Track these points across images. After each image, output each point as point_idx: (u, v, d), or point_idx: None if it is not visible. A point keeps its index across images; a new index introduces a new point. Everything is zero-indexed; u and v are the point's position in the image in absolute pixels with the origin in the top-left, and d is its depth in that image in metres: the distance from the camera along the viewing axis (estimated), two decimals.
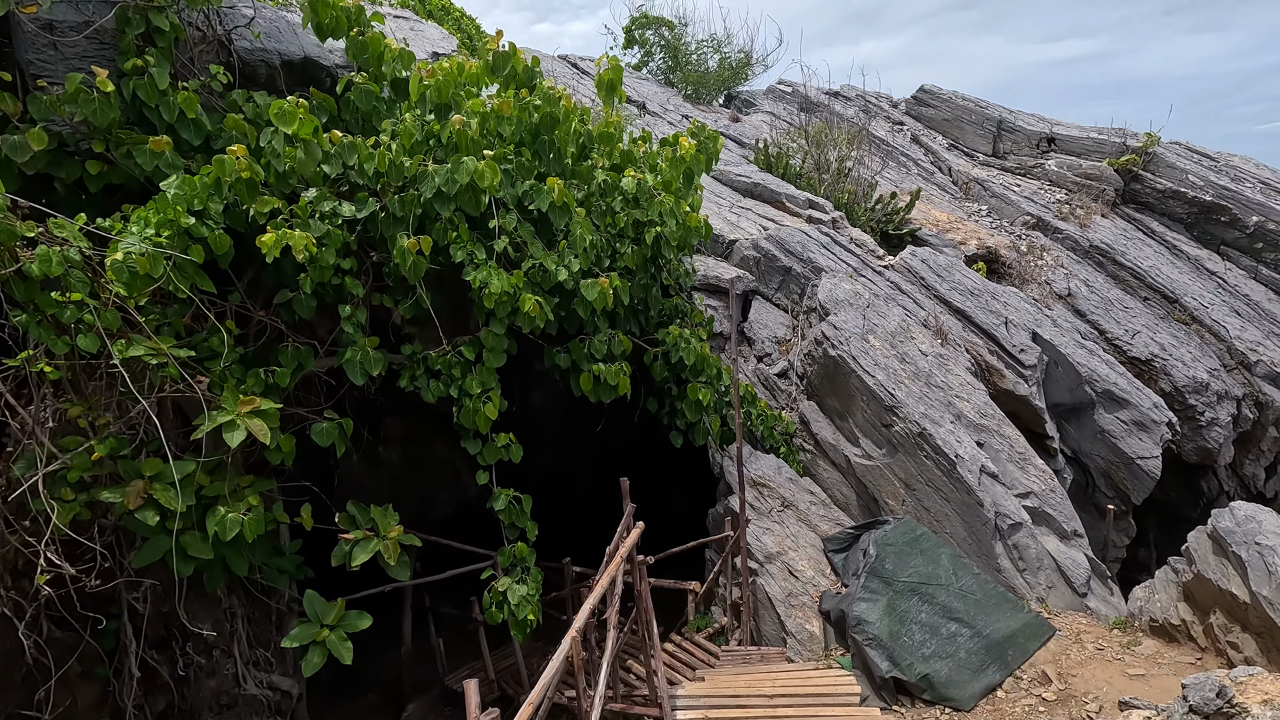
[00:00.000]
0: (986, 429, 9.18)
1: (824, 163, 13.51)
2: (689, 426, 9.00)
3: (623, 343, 7.86)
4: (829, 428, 9.38)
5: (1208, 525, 6.95)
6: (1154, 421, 11.47)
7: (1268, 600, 6.22)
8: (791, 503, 8.79)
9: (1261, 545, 6.42)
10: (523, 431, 7.77)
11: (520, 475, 8.16)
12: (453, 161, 6.23)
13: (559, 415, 11.72)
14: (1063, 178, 15.73)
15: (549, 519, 10.98)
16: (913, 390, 8.92)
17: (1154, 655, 7.11)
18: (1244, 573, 6.44)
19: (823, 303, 9.72)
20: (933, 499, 8.61)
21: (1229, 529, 6.64)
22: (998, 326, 11.07)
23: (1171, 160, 15.46)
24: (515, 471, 7.89)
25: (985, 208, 15.11)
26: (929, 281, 11.34)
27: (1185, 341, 13.35)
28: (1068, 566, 8.51)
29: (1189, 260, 14.86)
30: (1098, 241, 14.37)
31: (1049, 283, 13.39)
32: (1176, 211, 15.38)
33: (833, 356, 9.06)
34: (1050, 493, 9.00)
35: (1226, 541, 6.63)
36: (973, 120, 16.72)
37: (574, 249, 7.28)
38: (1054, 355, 11.39)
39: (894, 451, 8.79)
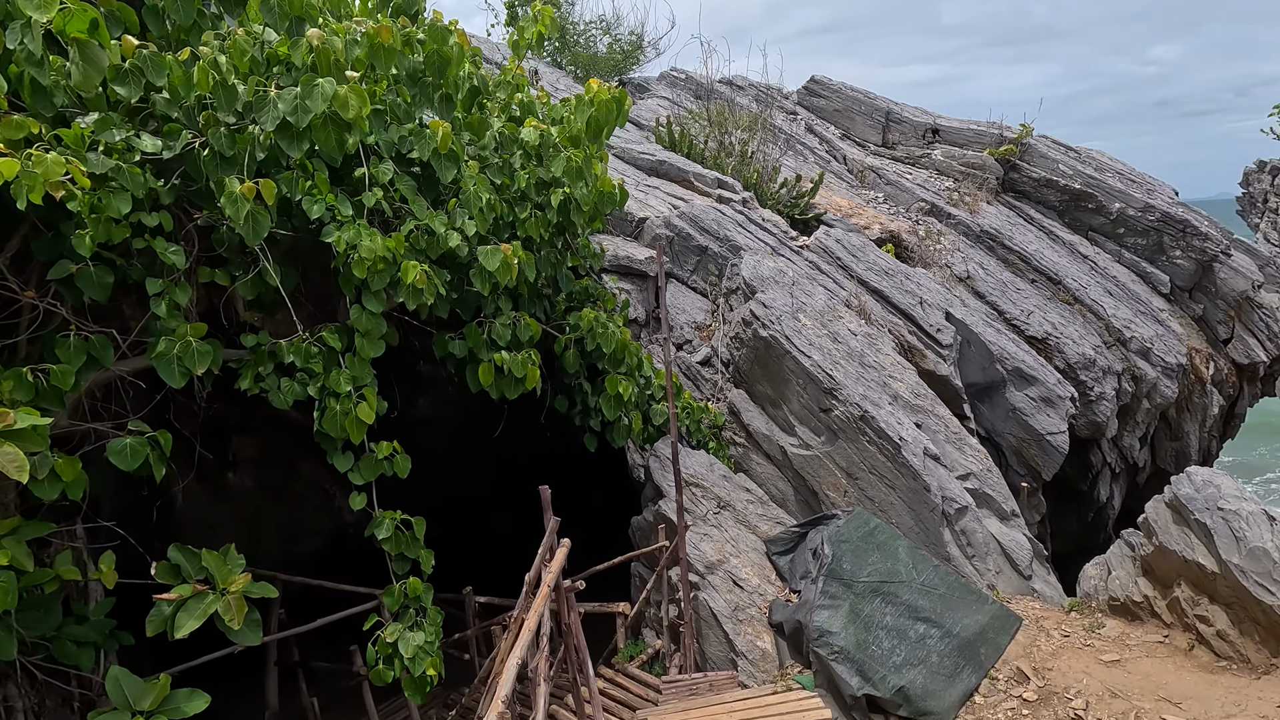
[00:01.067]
0: (922, 409, 8.46)
1: (728, 145, 12.64)
2: (606, 425, 7.67)
3: (530, 327, 6.41)
4: (761, 417, 8.33)
5: (1165, 494, 6.41)
6: (1059, 397, 11.32)
7: (1239, 569, 5.67)
8: (728, 503, 7.65)
9: (1225, 510, 5.90)
10: (410, 443, 6.16)
11: (410, 494, 6.52)
12: (303, 82, 4.58)
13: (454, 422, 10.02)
14: (949, 167, 15.76)
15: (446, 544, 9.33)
16: (849, 371, 8.04)
17: (1120, 636, 6.50)
18: (1210, 541, 5.90)
19: (748, 280, 8.69)
20: (877, 487, 7.73)
21: (1190, 496, 6.10)
22: (914, 306, 10.51)
23: (1043, 151, 15.84)
24: (403, 490, 6.26)
25: (881, 195, 14.83)
26: (845, 262, 10.64)
27: (1071, 320, 13.50)
28: (1012, 549, 7.89)
29: (1065, 245, 15.21)
30: (987, 227, 14.38)
31: (949, 265, 13.15)
32: (1050, 199, 15.75)
33: (764, 338, 8.03)
34: (988, 473, 8.39)
35: (1188, 509, 6.08)
36: (862, 111, 16.53)
37: (468, 209, 5.77)
38: (966, 334, 11.00)
39: (834, 438, 7.85)
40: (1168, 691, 5.96)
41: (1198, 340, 15.55)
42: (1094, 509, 14.54)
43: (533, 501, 9.40)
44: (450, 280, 5.94)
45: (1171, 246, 15.20)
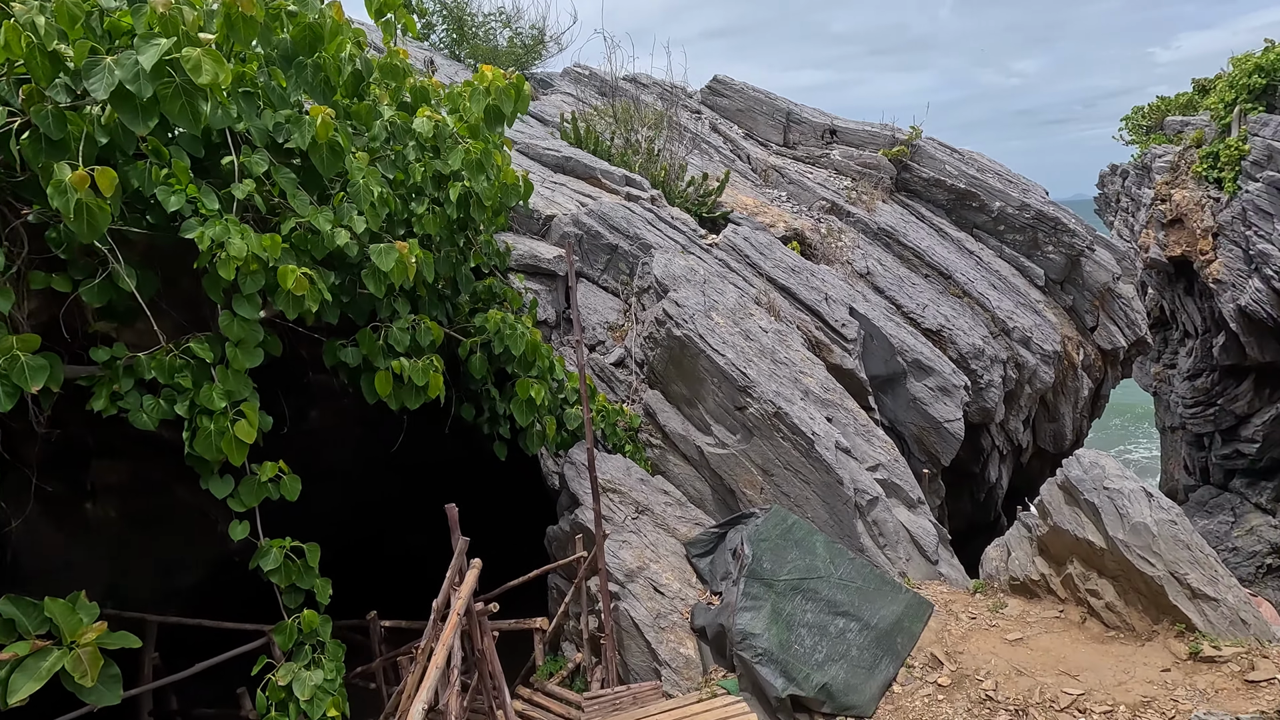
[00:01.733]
0: (831, 403, 8.51)
1: (634, 143, 12.41)
2: (517, 432, 7.25)
3: (431, 330, 5.91)
4: (677, 417, 8.13)
5: (1058, 476, 6.66)
6: (954, 386, 11.79)
7: (1123, 544, 5.94)
8: (646, 507, 7.40)
9: (1110, 489, 6.18)
10: (306, 461, 5.55)
11: (308, 515, 5.89)
12: (141, 37, 3.91)
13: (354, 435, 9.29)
14: (846, 167, 16.19)
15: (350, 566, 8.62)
16: (762, 368, 7.97)
17: (1021, 615, 6.71)
18: (1098, 519, 6.16)
19: (659, 279, 8.47)
20: (792, 483, 7.70)
21: (1079, 477, 6.36)
22: (820, 303, 10.64)
23: (931, 152, 16.54)
24: (299, 512, 5.63)
25: (784, 194, 15.04)
26: (754, 260, 10.63)
27: (962, 313, 14.14)
28: (920, 536, 8.06)
29: (953, 241, 15.93)
30: (883, 224, 14.85)
31: (850, 262, 13.47)
32: (938, 198, 16.46)
33: (677, 336, 7.83)
34: (895, 462, 8.55)
35: (1078, 490, 6.34)
36: (764, 111, 16.74)
37: (357, 204, 5.22)
38: (869, 328, 11.25)
39: (749, 436, 7.75)
40: (1066, 665, 6.19)
41: (1069, 329, 16.64)
42: (985, 489, 15.29)
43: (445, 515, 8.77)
44: (339, 283, 5.37)
45: (1045, 242, 16.15)
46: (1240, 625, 5.68)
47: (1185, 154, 19.64)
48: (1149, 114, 24.60)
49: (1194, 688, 5.68)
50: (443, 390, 5.85)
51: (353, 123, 5.91)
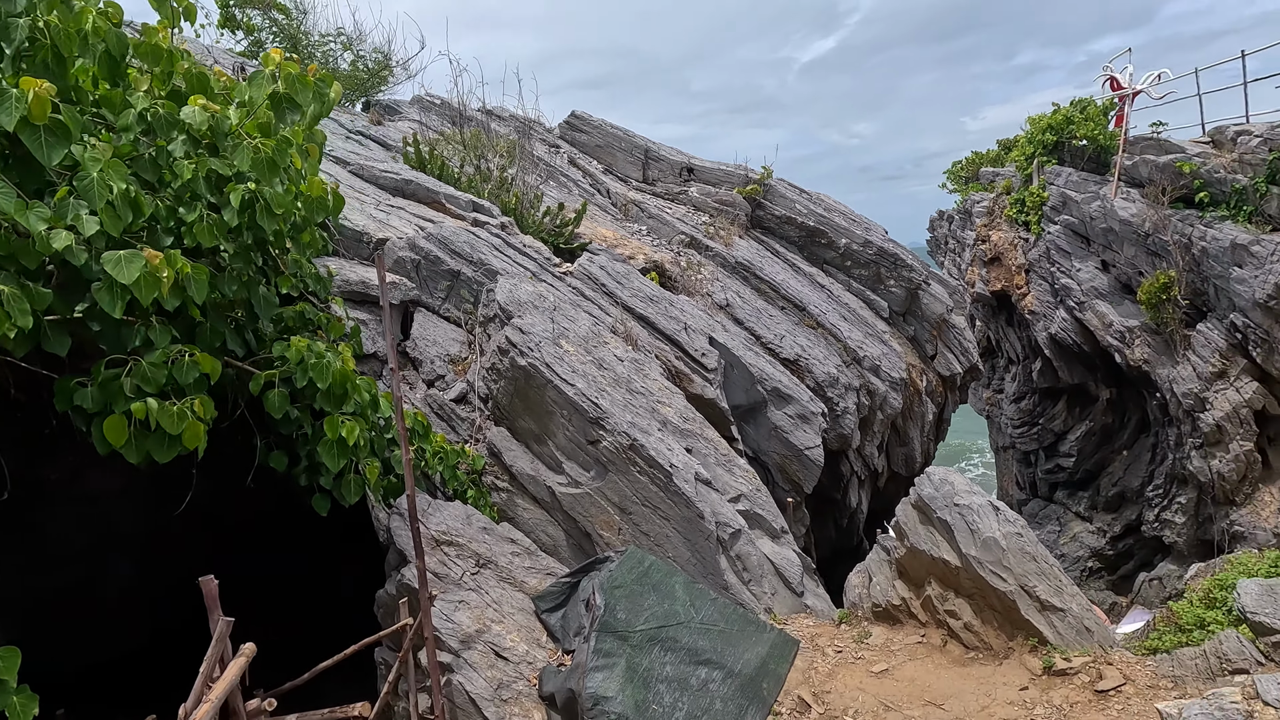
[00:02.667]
0: (691, 433, 8.04)
1: (485, 170, 11.70)
2: (335, 479, 6.13)
3: (200, 364, 4.77)
4: (525, 456, 7.31)
5: (911, 495, 6.48)
6: (813, 413, 11.80)
7: (976, 560, 5.78)
8: (489, 559, 6.46)
9: (961, 506, 6.05)
10: (94, 533, 4.19)
11: (81, 596, 4.48)
12: None
13: (145, 494, 7.71)
14: (704, 203, 16.33)
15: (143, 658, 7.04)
16: (616, 398, 7.36)
17: (885, 643, 6.39)
18: (951, 537, 5.99)
19: (504, 305, 7.70)
20: (651, 520, 7.06)
21: (931, 495, 6.20)
22: (679, 332, 10.29)
23: (782, 191, 17.09)
24: (72, 587, 4.23)
25: (645, 228, 14.85)
26: (610, 288, 10.13)
27: (817, 343, 14.41)
28: (784, 568, 7.66)
29: (806, 275, 16.39)
30: (740, 259, 14.99)
31: (710, 294, 13.37)
32: (790, 235, 16.96)
33: (522, 366, 7.06)
34: (757, 492, 8.17)
35: (930, 508, 6.17)
36: (623, 148, 16.65)
37: (89, 201, 4.10)
38: (729, 358, 11.04)
39: (604, 472, 7.07)
40: (931, 693, 5.89)
41: (913, 357, 17.44)
42: (847, 515, 15.44)
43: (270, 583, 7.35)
44: (64, 293, 4.18)
45: (887, 277, 16.92)
46: (1085, 633, 5.61)
47: (998, 200, 21.71)
48: (965, 166, 27.17)
49: (1051, 704, 5.52)
50: (202, 442, 4.70)
51: (101, 111, 4.78)
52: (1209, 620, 6.21)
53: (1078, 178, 19.01)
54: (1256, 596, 5.17)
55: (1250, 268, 14.73)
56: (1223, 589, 6.51)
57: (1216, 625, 6.00)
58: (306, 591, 8.52)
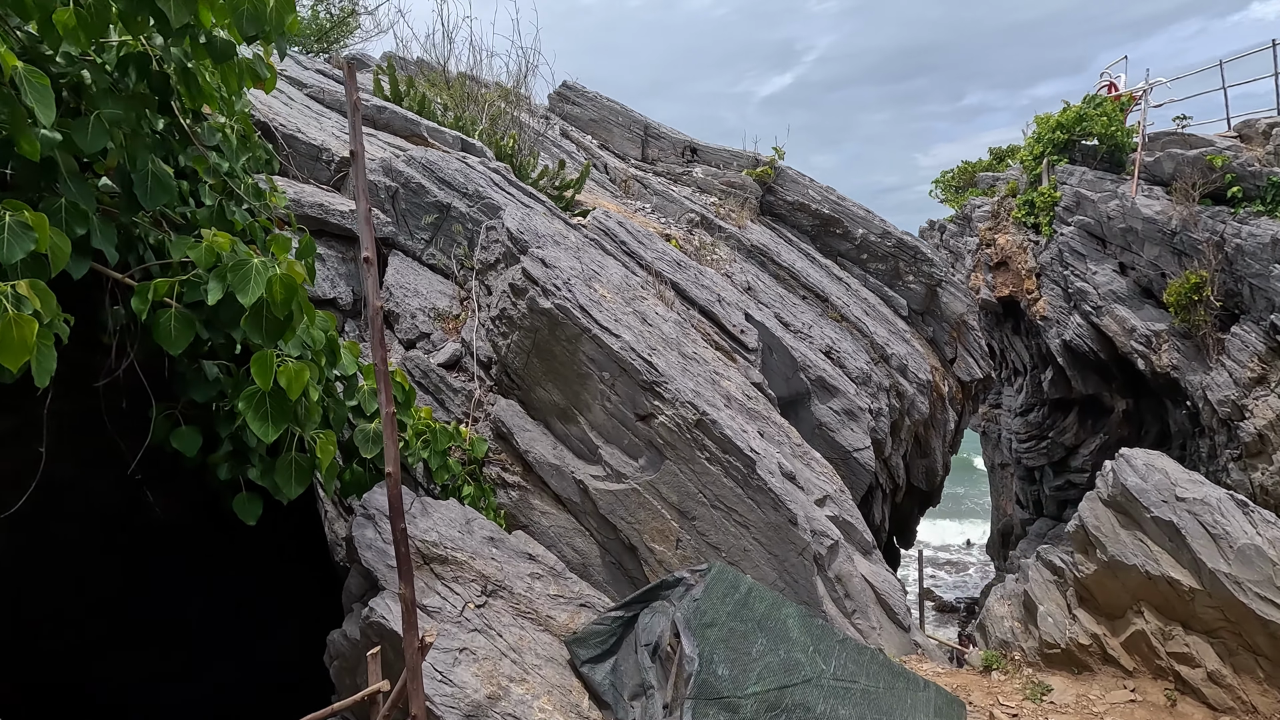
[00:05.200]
0: (758, 415, 6.05)
1: (475, 117, 9.67)
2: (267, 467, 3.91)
3: (34, 229, 2.62)
4: (546, 439, 5.19)
5: (1099, 490, 4.59)
6: (860, 409, 9.95)
7: (1229, 578, 3.90)
8: (501, 583, 4.30)
9: (1188, 501, 4.18)
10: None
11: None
12: None
13: None
14: (710, 185, 14.59)
15: None
16: (672, 361, 5.33)
17: (1078, 701, 4.42)
18: (1180, 545, 4.11)
19: (515, 235, 5.63)
20: (723, 528, 5.01)
21: (1139, 487, 4.31)
22: (713, 303, 8.35)
23: (794, 176, 15.48)
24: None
25: (649, 205, 12.97)
26: (632, 247, 8.15)
27: (844, 336, 12.65)
28: (887, 594, 5.67)
29: (822, 267, 14.72)
30: (756, 242, 13.22)
31: (729, 276, 11.51)
32: (803, 223, 15.31)
33: (546, 310, 4.98)
34: (842, 494, 6.20)
35: (1140, 505, 4.28)
36: (620, 123, 14.84)
37: None
38: (768, 340, 9.14)
39: (658, 460, 5.00)
40: None
41: (934, 359, 15.77)
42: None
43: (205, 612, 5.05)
44: None
45: (906, 272, 15.33)
46: None
47: (1003, 202, 20.58)
48: (957, 175, 26.19)
49: None
50: (42, 358, 2.54)
51: None
52: None
53: (1093, 176, 17.92)
54: None
55: None
56: None
57: None
58: (226, 636, 6.16)
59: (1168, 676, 4.20)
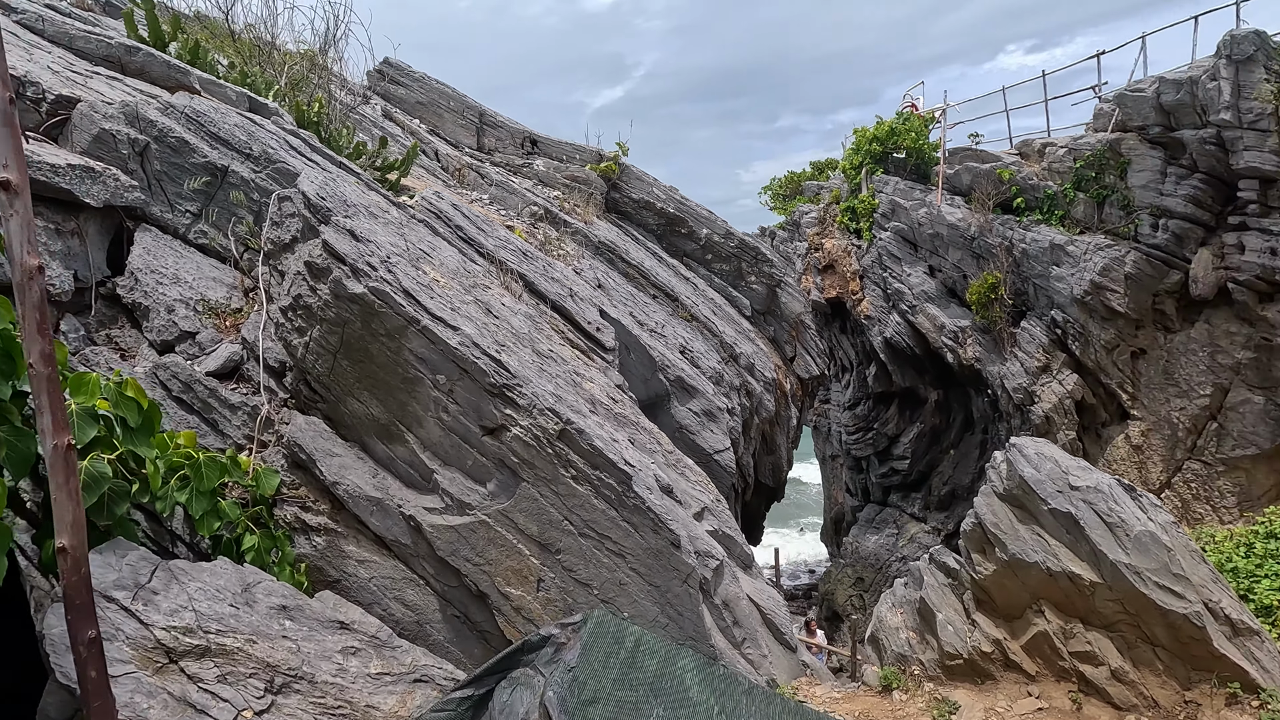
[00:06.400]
0: (626, 420, 5.22)
1: (271, 80, 7.96)
2: None
3: None
4: (362, 465, 3.97)
5: (993, 482, 4.30)
6: (719, 409, 9.53)
7: (1130, 568, 3.71)
8: (297, 672, 3.06)
9: (1084, 489, 3.98)
10: None
11: None
12: None
13: None
14: (552, 178, 13.67)
15: None
16: (525, 359, 4.34)
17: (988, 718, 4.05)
18: (1078, 537, 3.89)
19: (314, 201, 4.32)
20: (595, 561, 4.10)
21: (1034, 477, 4.06)
22: (565, 298, 7.44)
23: (638, 174, 15.02)
24: None
25: (488, 196, 11.77)
26: (469, 233, 7.01)
27: (696, 335, 12.31)
28: (772, 613, 5.08)
29: (670, 267, 14.38)
30: (604, 238, 12.51)
31: (579, 271, 10.66)
32: (649, 222, 14.89)
33: (357, 295, 3.77)
34: (719, 503, 5.55)
35: (1037, 496, 4.02)
36: (453, 108, 13.44)
37: None
38: (625, 338, 8.39)
39: (513, 482, 3.98)
40: None
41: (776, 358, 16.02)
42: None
43: None
44: None
45: (749, 272, 15.43)
46: None
47: (828, 209, 21.74)
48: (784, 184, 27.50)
49: None
50: None
51: None
52: None
53: (904, 186, 19.37)
54: None
55: (1067, 266, 15.34)
56: None
57: None
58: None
59: (1071, 678, 3.95)
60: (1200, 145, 12.51)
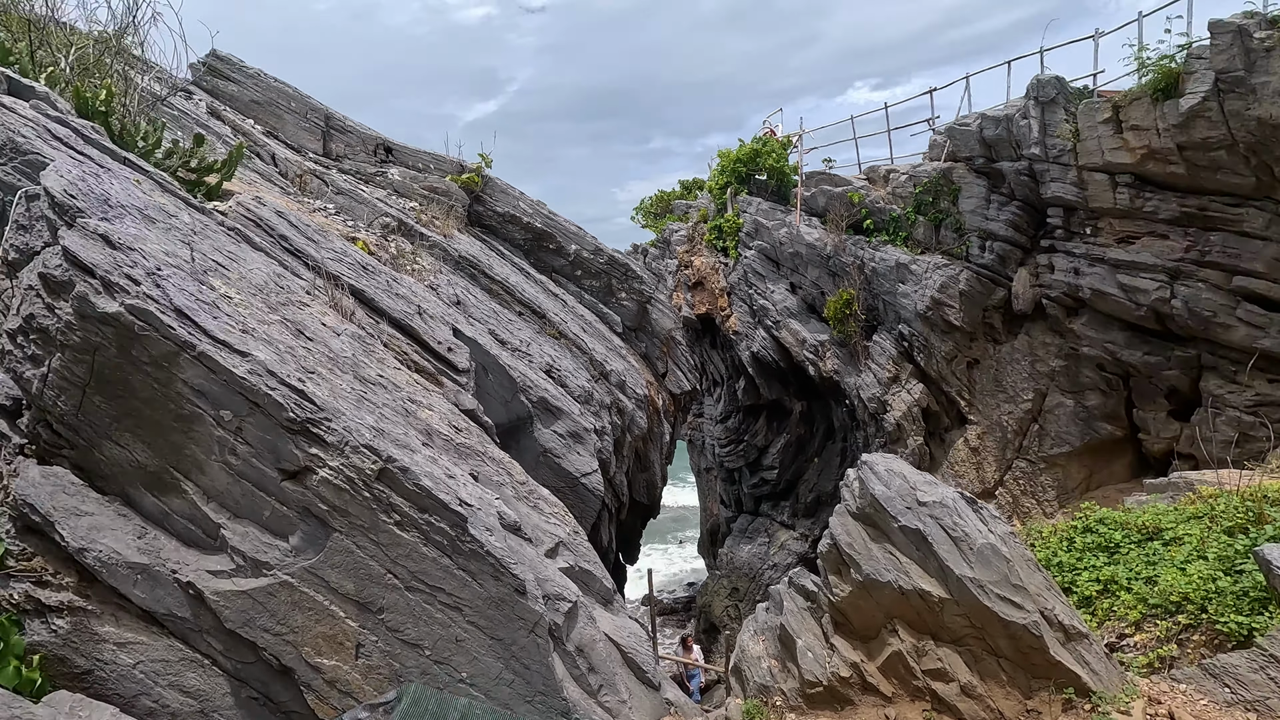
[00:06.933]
0: (470, 451, 4.72)
1: (51, 61, 6.74)
2: None
3: None
4: (124, 523, 3.21)
5: (847, 503, 4.24)
6: (586, 430, 9.18)
7: (974, 582, 3.75)
8: None
9: (931, 504, 4.00)
10: None
11: None
12: None
13: None
14: (409, 189, 12.83)
15: None
16: (341, 388, 3.74)
17: None
18: (927, 553, 3.89)
19: (63, 199, 3.49)
20: (426, 617, 3.57)
21: (885, 495, 4.04)
22: (411, 316, 6.80)
23: (503, 187, 14.49)
24: None
25: (333, 205, 10.76)
26: (296, 244, 6.22)
27: (564, 353, 11.92)
28: (633, 651, 4.76)
29: (536, 283, 13.93)
30: (466, 253, 11.86)
31: (435, 288, 9.96)
32: (515, 236, 14.38)
33: (109, 315, 3.04)
34: (576, 536, 5.16)
35: (888, 514, 4.00)
36: (295, 110, 12.25)
37: None
38: (483, 359, 7.84)
39: (322, 533, 3.38)
40: None
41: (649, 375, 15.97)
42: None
43: None
44: None
45: (619, 289, 15.32)
46: (1108, 663, 3.89)
47: (697, 228, 22.21)
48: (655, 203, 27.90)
49: None
50: None
51: None
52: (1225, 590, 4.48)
53: (767, 206, 20.15)
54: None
55: (911, 284, 16.51)
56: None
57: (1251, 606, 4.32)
58: None
59: (925, 697, 3.92)
60: (1016, 176, 13.87)
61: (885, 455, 4.30)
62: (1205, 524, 5.49)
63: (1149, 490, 7.98)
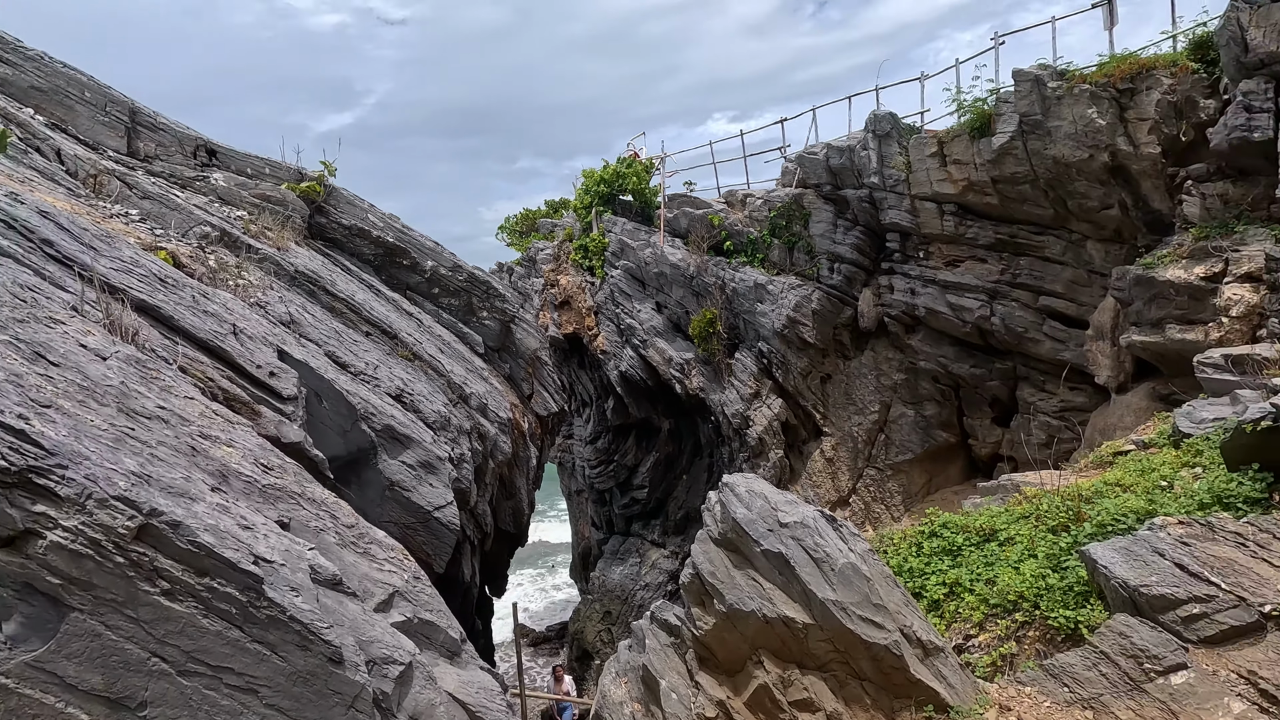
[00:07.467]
0: (282, 493, 3.99)
1: None
2: None
3: None
4: None
5: (709, 529, 4.01)
6: (439, 459, 8.46)
7: (836, 605, 3.63)
8: None
9: (793, 525, 3.86)
10: None
11: None
12: None
13: None
14: (236, 196, 11.44)
15: None
16: (92, 426, 2.96)
17: None
18: (791, 578, 3.74)
19: None
20: (207, 707, 2.86)
21: (747, 518, 3.85)
22: (224, 336, 5.86)
23: (350, 198, 13.38)
24: None
25: (138, 211, 9.27)
26: (65, 249, 5.13)
27: (418, 376, 11.06)
28: (481, 708, 4.22)
29: (389, 301, 12.92)
30: (303, 268, 10.71)
31: (263, 305, 8.82)
32: (364, 251, 13.31)
33: None
34: (416, 582, 4.54)
35: (750, 538, 3.81)
36: (90, 101, 10.52)
37: None
38: (315, 384, 6.95)
39: (54, 612, 2.59)
40: None
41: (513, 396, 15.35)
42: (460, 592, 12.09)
43: None
44: None
45: (480, 307, 14.67)
46: (962, 675, 3.90)
47: (562, 246, 21.89)
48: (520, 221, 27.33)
49: None
50: None
51: None
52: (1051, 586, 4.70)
53: (631, 227, 20.25)
54: (1124, 563, 4.20)
55: (768, 303, 17.16)
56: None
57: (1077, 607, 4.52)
58: None
59: None
60: (859, 202, 14.83)
61: (746, 475, 4.12)
62: (1033, 523, 5.86)
63: (982, 493, 8.55)
